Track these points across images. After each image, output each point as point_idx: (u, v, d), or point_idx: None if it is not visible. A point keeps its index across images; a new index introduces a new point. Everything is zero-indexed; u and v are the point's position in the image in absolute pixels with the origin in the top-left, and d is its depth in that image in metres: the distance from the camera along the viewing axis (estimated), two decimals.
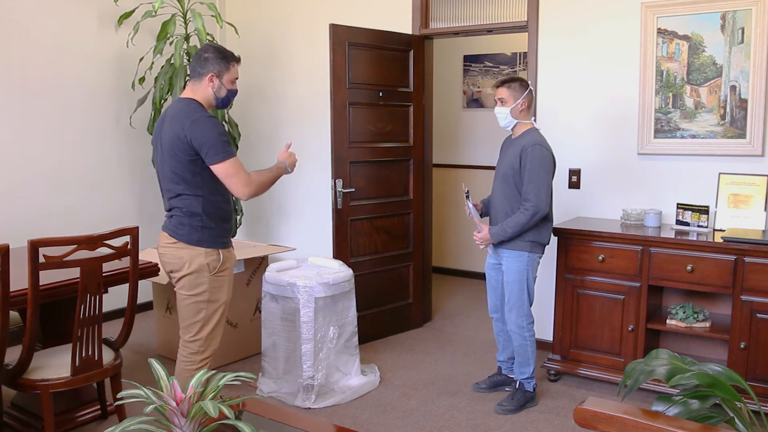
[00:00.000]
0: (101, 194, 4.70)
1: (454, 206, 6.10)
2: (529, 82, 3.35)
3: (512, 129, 3.33)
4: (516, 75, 3.36)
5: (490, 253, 3.48)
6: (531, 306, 3.35)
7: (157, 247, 2.80)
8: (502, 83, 3.29)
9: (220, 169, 2.59)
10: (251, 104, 5.28)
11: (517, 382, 3.41)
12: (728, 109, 3.48)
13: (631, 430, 1.26)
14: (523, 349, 3.36)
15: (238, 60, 2.76)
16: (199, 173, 2.63)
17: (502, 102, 3.28)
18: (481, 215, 3.46)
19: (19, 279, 2.61)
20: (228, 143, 2.63)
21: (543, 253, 3.37)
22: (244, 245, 4.28)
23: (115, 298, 3.58)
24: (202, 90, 2.70)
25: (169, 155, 2.64)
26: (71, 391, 2.99)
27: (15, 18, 4.16)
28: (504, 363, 3.60)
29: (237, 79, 2.76)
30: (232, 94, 2.78)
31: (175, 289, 2.79)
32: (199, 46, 4.54)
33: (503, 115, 3.29)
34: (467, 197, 3.39)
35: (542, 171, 3.17)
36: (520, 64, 5.72)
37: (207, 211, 2.67)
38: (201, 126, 2.57)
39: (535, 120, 3.38)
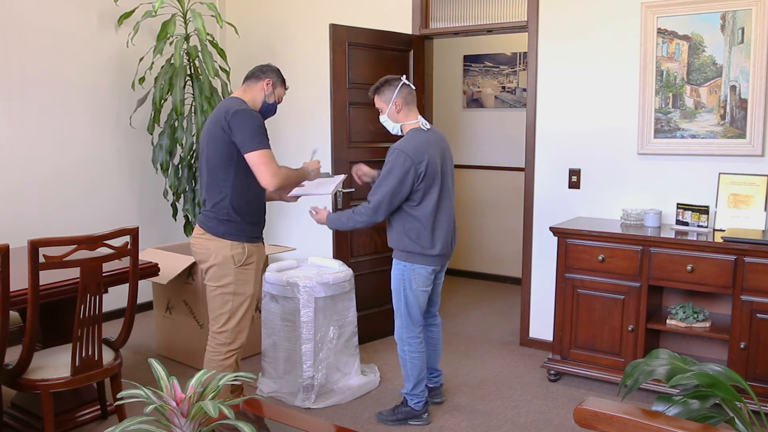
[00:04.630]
0: (101, 194, 4.70)
1: (454, 206, 6.09)
2: (402, 76, 3.07)
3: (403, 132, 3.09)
4: (388, 76, 3.07)
5: None
6: (416, 323, 3.15)
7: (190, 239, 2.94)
8: (374, 91, 3.09)
9: (252, 158, 2.70)
10: None
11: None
12: (728, 109, 3.48)
13: (631, 430, 1.26)
14: (402, 363, 3.19)
15: (287, 87, 3.01)
16: (232, 166, 2.75)
17: (381, 111, 3.10)
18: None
19: (19, 279, 2.61)
20: (264, 135, 2.74)
21: (431, 265, 3.08)
22: None
23: (115, 298, 3.59)
24: (255, 91, 2.88)
25: (210, 143, 2.78)
26: (71, 391, 3.00)
27: (15, 17, 4.16)
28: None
29: (281, 102, 2.97)
30: (273, 109, 2.95)
31: (204, 281, 2.91)
32: (199, 47, 4.56)
33: (387, 124, 3.11)
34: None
35: (391, 177, 2.94)
36: (520, 64, 5.72)
37: (234, 204, 2.78)
38: (241, 116, 2.70)
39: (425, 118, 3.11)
